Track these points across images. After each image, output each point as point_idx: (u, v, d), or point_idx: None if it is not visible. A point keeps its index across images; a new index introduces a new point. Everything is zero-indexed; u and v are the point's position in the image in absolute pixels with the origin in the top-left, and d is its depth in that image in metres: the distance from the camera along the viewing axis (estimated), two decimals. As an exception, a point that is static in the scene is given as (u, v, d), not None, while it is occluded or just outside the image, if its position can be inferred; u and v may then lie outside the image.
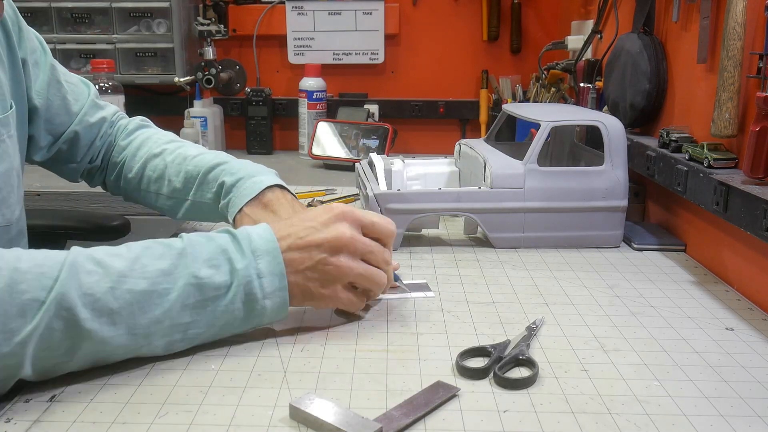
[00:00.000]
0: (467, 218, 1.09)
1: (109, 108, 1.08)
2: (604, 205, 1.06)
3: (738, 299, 0.88)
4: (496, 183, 1.04)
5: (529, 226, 1.06)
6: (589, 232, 1.07)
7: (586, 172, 1.07)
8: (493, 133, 1.26)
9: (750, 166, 0.84)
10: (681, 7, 1.11)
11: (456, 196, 1.05)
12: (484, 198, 1.05)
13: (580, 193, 1.05)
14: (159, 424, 0.57)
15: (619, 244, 1.08)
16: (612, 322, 0.79)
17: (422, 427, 0.57)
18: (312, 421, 0.57)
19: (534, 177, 1.05)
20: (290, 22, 2.00)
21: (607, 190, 1.06)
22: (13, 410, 0.59)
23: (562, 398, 0.62)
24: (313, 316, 0.79)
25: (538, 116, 1.09)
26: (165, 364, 0.67)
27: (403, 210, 1.04)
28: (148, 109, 1.17)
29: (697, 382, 0.66)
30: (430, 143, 2.03)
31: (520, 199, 1.05)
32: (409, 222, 1.05)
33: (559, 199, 1.05)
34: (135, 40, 1.83)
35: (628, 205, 1.07)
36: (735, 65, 0.90)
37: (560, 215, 1.06)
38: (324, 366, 0.68)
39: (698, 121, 1.05)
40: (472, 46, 2.02)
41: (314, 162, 1.80)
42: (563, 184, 1.05)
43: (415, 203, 1.04)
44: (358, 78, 2.04)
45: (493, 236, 1.06)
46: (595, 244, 1.07)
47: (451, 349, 0.71)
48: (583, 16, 1.69)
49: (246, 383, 0.64)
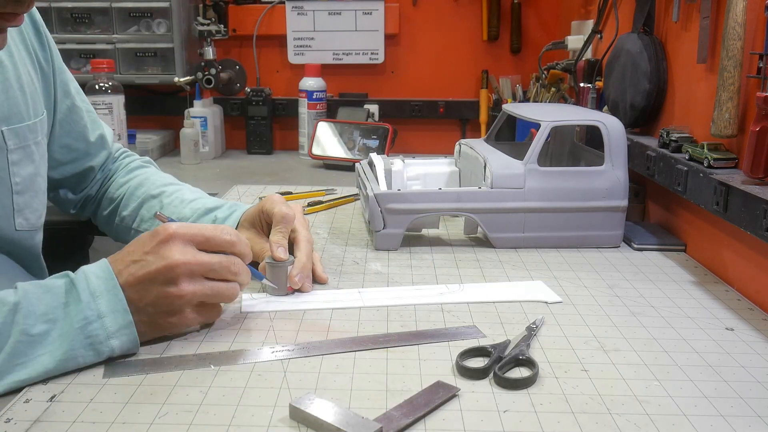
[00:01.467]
0: (467, 218, 1.09)
1: (114, 145, 1.08)
2: (604, 205, 1.06)
3: (738, 299, 0.88)
4: (496, 183, 1.04)
5: (530, 226, 1.06)
6: (590, 232, 1.07)
7: (586, 172, 1.07)
8: (494, 133, 1.26)
9: (750, 166, 0.84)
10: (681, 7, 1.11)
11: (456, 196, 1.05)
12: (484, 198, 1.05)
13: (581, 193, 1.05)
14: (159, 424, 0.57)
15: (620, 244, 1.08)
16: (612, 322, 0.79)
17: (422, 427, 0.57)
18: (312, 421, 0.57)
19: (534, 177, 1.05)
20: (290, 22, 2.00)
21: (607, 190, 1.05)
22: (13, 410, 0.59)
23: (562, 398, 0.62)
24: (313, 316, 0.79)
25: (538, 116, 1.09)
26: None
27: (403, 210, 1.04)
28: (148, 109, 1.17)
29: (697, 382, 0.66)
30: (430, 143, 2.03)
31: (521, 199, 1.05)
32: (410, 222, 1.05)
33: (559, 199, 1.05)
34: (135, 40, 1.83)
35: (628, 205, 1.07)
36: (735, 65, 0.90)
37: (560, 215, 1.06)
38: (324, 366, 0.68)
39: (698, 121, 1.05)
40: (472, 46, 2.02)
41: (314, 162, 1.80)
42: (563, 184, 1.05)
43: (415, 203, 1.04)
44: (358, 78, 2.04)
45: (493, 236, 1.06)
46: (596, 244, 1.07)
47: (451, 349, 0.71)
48: (583, 16, 1.68)
49: (246, 383, 0.64)
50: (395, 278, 0.93)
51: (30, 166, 0.86)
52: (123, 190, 1.02)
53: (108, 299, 0.67)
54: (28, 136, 0.86)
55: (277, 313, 0.80)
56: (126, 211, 1.01)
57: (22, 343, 0.63)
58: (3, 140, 0.82)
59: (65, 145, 0.99)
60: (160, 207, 0.97)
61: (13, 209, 0.84)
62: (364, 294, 0.86)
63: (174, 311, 0.70)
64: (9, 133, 0.83)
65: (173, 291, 0.69)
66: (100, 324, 0.66)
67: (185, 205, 0.97)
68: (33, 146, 0.87)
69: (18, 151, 0.84)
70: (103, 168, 1.05)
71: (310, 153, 1.79)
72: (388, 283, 0.91)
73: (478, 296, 0.86)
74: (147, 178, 1.04)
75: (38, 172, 0.88)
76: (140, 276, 0.68)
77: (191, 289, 0.70)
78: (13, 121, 0.83)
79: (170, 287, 0.69)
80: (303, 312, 0.80)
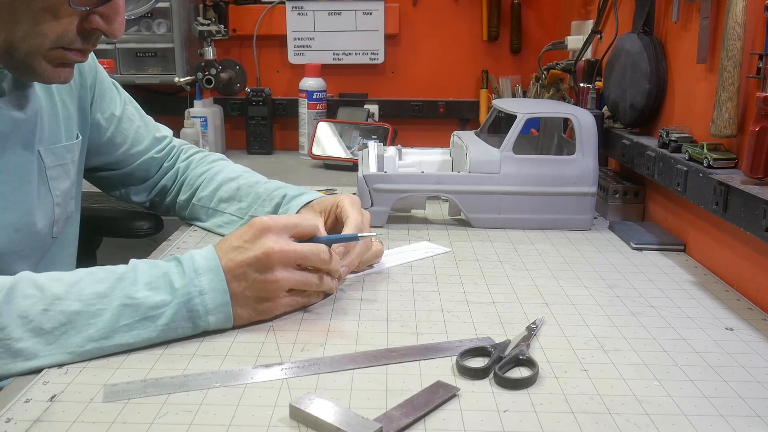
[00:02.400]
0: (450, 201, 1.18)
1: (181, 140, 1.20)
2: (574, 190, 1.14)
3: (738, 299, 0.88)
4: (473, 168, 1.14)
5: (505, 208, 1.15)
6: (561, 216, 1.15)
7: (558, 160, 1.16)
8: (485, 126, 1.32)
9: (750, 166, 0.84)
10: (681, 7, 1.11)
11: (437, 178, 1.15)
12: (462, 181, 1.15)
13: (552, 179, 1.14)
14: (159, 424, 0.57)
15: (590, 227, 1.16)
16: (612, 322, 0.79)
17: (422, 427, 0.57)
18: (312, 421, 0.57)
19: (509, 163, 1.14)
20: (290, 22, 2.00)
21: (577, 177, 1.14)
22: (13, 410, 0.59)
23: (562, 398, 0.62)
24: (313, 316, 0.79)
25: (517, 109, 1.17)
26: (165, 364, 0.67)
27: (388, 190, 1.15)
28: (148, 109, 1.18)
29: (697, 382, 0.66)
30: (430, 143, 2.01)
31: (496, 183, 1.14)
32: (395, 201, 1.15)
33: (532, 184, 1.14)
34: (135, 40, 1.83)
35: (628, 205, 1.08)
36: (735, 65, 0.90)
37: (533, 198, 1.15)
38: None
39: (698, 121, 1.05)
40: (472, 46, 2.02)
41: (314, 162, 1.80)
42: (537, 170, 1.14)
43: (400, 184, 1.15)
44: (358, 78, 2.04)
45: (471, 216, 1.16)
46: (567, 226, 1.16)
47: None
48: (583, 16, 1.68)
49: (246, 383, 0.64)
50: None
51: (67, 181, 0.94)
52: (204, 177, 1.11)
53: (210, 278, 0.72)
54: (66, 156, 0.93)
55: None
56: (204, 192, 1.10)
57: (127, 307, 0.69)
58: (41, 158, 0.89)
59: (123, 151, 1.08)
60: (237, 187, 1.07)
61: (54, 219, 0.92)
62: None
63: (269, 297, 0.76)
64: (46, 152, 0.90)
65: (269, 276, 0.74)
66: (201, 300, 0.71)
67: (259, 185, 1.06)
68: (70, 164, 0.95)
69: (56, 168, 0.92)
70: (168, 159, 1.14)
71: (310, 153, 1.79)
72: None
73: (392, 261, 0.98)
74: (227, 166, 1.13)
75: (73, 187, 0.97)
76: (239, 261, 0.74)
77: (285, 275, 0.75)
78: (50, 141, 0.91)
79: (265, 273, 0.74)
80: (303, 312, 0.80)
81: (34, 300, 0.66)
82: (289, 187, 1.05)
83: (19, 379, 0.64)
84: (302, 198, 1.00)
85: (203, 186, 1.10)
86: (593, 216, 1.16)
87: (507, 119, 1.24)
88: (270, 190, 1.05)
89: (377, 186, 1.14)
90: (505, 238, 1.11)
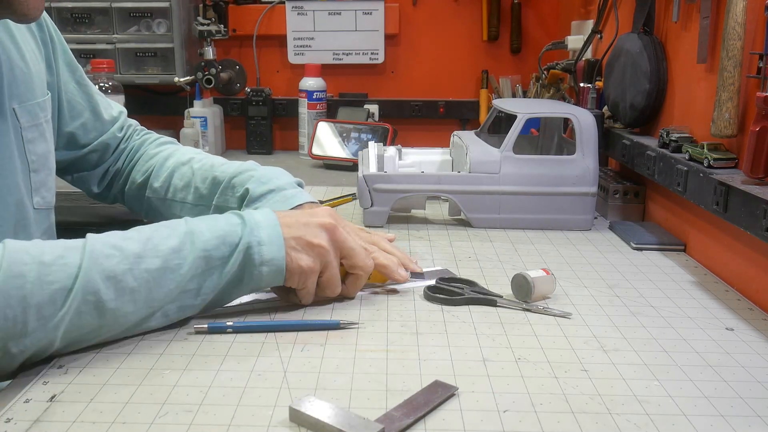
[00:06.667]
0: (450, 200, 1.17)
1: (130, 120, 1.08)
2: (574, 190, 1.14)
3: (738, 299, 0.88)
4: (474, 168, 1.14)
5: (505, 208, 1.15)
6: (561, 216, 1.15)
7: (558, 160, 1.15)
8: (485, 126, 1.32)
9: (750, 166, 0.84)
10: (681, 7, 1.11)
11: (437, 178, 1.15)
12: (462, 181, 1.15)
13: (552, 179, 1.14)
14: (159, 424, 0.57)
15: (590, 227, 1.16)
16: (612, 322, 0.79)
17: (422, 427, 0.57)
18: (313, 423, 0.56)
19: (509, 163, 1.14)
20: (290, 22, 2.00)
21: (577, 177, 1.14)
22: (13, 410, 0.59)
23: (562, 398, 0.62)
24: (313, 316, 0.79)
25: (517, 109, 1.17)
26: (165, 364, 0.67)
27: (388, 190, 1.15)
28: (148, 109, 1.18)
29: (697, 382, 0.66)
30: (430, 143, 2.01)
31: (496, 183, 1.14)
32: (395, 201, 1.15)
33: (532, 184, 1.14)
34: (135, 40, 1.83)
35: (628, 205, 1.08)
36: (735, 65, 0.90)
37: (533, 198, 1.15)
38: (324, 366, 0.68)
39: (698, 121, 1.05)
40: (472, 46, 2.02)
41: (314, 162, 1.80)
42: (536, 170, 1.14)
43: (400, 184, 1.15)
44: (358, 78, 2.04)
45: (471, 216, 1.16)
46: (567, 226, 1.15)
47: (451, 349, 0.71)
48: (583, 16, 1.68)
49: (246, 383, 0.64)
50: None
51: (43, 144, 0.88)
52: (153, 163, 1.02)
53: (268, 232, 0.75)
54: (39, 114, 0.86)
55: (279, 309, 0.80)
56: (157, 182, 1.00)
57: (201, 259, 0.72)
58: (16, 118, 0.82)
59: (81, 124, 0.98)
60: (191, 173, 0.98)
61: (31, 187, 0.86)
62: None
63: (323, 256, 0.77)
64: (21, 110, 0.83)
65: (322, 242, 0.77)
66: (258, 250, 0.74)
67: (215, 169, 0.97)
68: (44, 124, 0.88)
69: (31, 129, 0.85)
70: (124, 141, 1.05)
71: (310, 153, 1.79)
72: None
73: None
74: (176, 150, 1.04)
75: (50, 149, 0.90)
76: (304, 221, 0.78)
77: (346, 236, 0.79)
78: (24, 98, 0.84)
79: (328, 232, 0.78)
80: (303, 312, 0.80)
81: (117, 260, 0.67)
82: (250, 172, 0.95)
83: (19, 379, 0.64)
84: (283, 203, 0.91)
85: (155, 174, 1.00)
86: (593, 216, 1.16)
87: (507, 119, 1.24)
88: (228, 175, 0.95)
89: (377, 186, 1.15)
90: (505, 238, 1.11)
